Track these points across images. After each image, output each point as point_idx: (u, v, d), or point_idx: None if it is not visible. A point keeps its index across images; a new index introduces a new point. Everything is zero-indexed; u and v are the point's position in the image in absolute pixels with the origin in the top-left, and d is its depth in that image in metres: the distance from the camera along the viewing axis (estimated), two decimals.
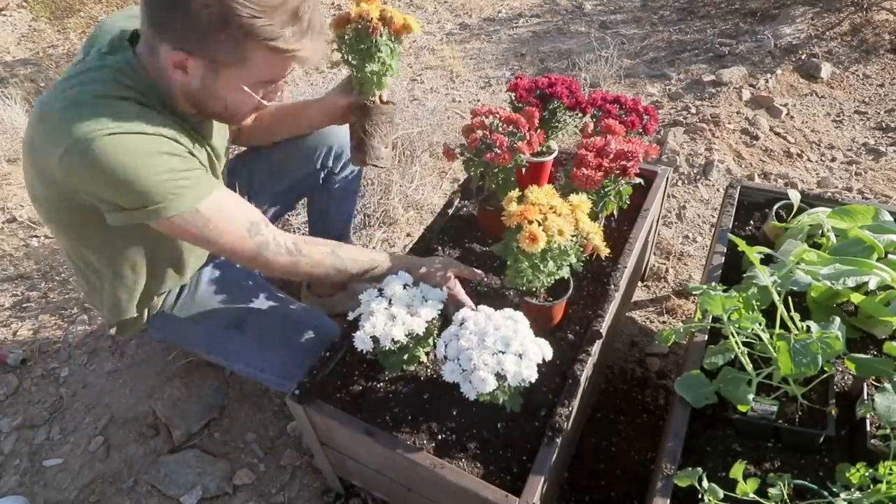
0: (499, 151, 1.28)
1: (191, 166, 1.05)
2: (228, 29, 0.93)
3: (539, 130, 1.38)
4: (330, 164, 1.71)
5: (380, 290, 1.19)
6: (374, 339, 1.11)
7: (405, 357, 1.19)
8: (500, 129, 1.34)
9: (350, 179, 1.82)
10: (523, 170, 1.38)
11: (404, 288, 1.18)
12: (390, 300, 1.15)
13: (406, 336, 1.11)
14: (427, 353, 1.26)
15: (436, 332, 1.20)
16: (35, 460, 1.65)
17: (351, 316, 1.18)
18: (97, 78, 1.02)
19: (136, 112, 1.00)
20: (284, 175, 1.55)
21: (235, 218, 1.12)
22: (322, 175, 1.73)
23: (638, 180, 1.34)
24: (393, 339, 1.10)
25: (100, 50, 1.07)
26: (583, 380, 1.18)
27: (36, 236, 2.42)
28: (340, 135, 1.65)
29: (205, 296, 1.43)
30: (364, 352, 1.13)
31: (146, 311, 1.40)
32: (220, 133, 1.29)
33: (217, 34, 0.94)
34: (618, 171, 1.28)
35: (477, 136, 1.31)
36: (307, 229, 2.13)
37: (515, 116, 1.33)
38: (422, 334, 1.13)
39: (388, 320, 1.11)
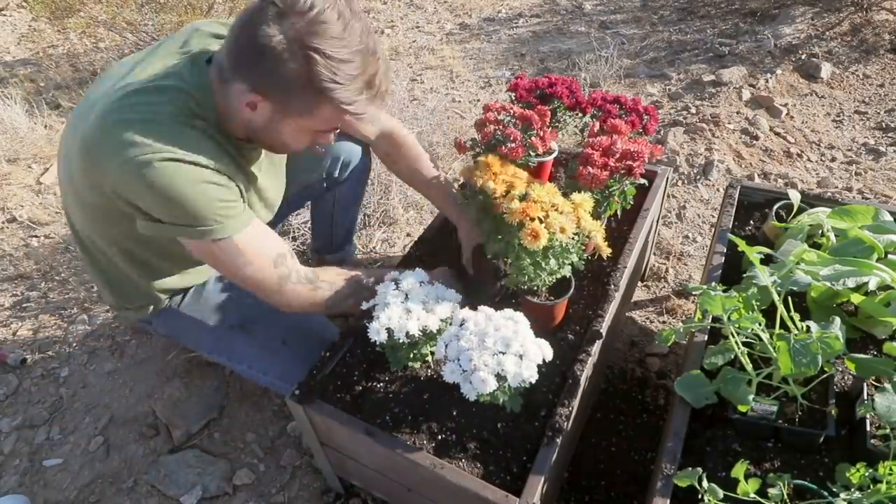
0: (513, 145, 1.28)
1: (235, 198, 1.11)
2: (309, 88, 0.99)
3: (551, 129, 1.38)
4: (336, 173, 1.72)
5: (396, 282, 1.19)
6: (389, 331, 1.11)
7: (413, 354, 1.19)
8: (514, 125, 1.35)
9: (354, 188, 1.83)
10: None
11: (420, 285, 1.19)
12: (406, 294, 1.16)
13: (419, 331, 1.11)
14: (433, 353, 1.26)
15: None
16: (35, 460, 1.65)
17: (365, 306, 1.19)
18: (173, 100, 1.05)
19: (198, 141, 1.05)
20: (291, 180, 1.56)
21: (265, 249, 1.16)
22: (326, 183, 1.74)
23: (643, 181, 1.34)
24: (407, 333, 1.10)
25: (185, 62, 1.10)
26: (583, 380, 1.18)
27: (36, 236, 2.42)
28: (347, 146, 1.68)
29: (212, 296, 1.43)
30: (375, 341, 1.12)
31: (150, 306, 1.40)
32: (270, 161, 1.32)
33: (297, 90, 1.00)
34: (623, 171, 1.28)
35: (490, 131, 1.32)
36: (308, 229, 2.14)
37: (529, 114, 1.34)
38: (435, 331, 1.13)
39: (404, 314, 1.12)
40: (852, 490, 0.90)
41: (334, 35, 0.96)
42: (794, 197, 1.49)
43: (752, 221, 1.61)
